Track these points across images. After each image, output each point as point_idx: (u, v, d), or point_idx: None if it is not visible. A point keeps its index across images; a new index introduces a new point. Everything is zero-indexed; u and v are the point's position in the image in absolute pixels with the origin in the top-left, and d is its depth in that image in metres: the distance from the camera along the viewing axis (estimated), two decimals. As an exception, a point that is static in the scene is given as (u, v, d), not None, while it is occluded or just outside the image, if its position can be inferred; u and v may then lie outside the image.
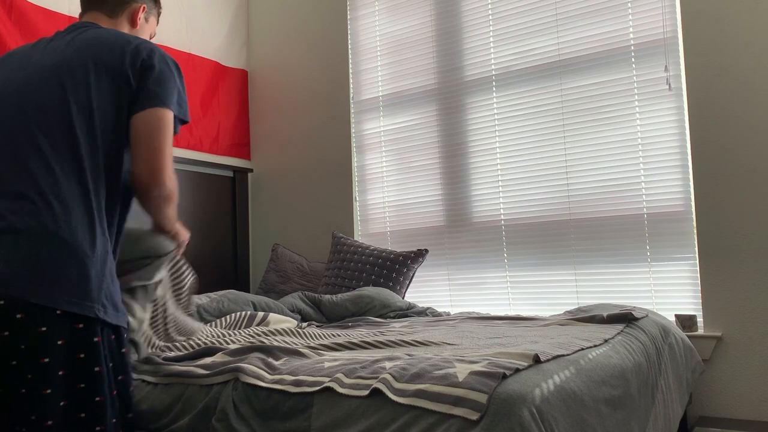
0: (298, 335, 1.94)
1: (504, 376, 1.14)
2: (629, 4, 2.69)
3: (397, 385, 1.20)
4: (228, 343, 1.79)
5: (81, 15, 1.67)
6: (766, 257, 2.36)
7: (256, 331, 1.96)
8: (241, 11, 3.79)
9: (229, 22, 3.70)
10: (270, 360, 1.50)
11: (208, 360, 1.56)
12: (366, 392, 1.22)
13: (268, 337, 1.86)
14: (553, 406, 1.14)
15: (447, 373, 1.19)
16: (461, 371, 1.19)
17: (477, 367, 1.19)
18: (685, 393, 2.05)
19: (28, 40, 2.69)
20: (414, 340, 1.69)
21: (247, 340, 1.83)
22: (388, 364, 1.32)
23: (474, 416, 1.07)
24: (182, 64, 3.39)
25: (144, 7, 1.69)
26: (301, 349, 1.59)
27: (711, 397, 2.43)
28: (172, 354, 1.67)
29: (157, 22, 1.80)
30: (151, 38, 1.77)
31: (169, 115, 1.45)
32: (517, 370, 1.19)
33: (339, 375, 1.30)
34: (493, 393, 1.10)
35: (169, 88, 1.46)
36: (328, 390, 1.27)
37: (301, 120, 3.53)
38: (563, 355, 1.39)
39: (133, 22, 1.67)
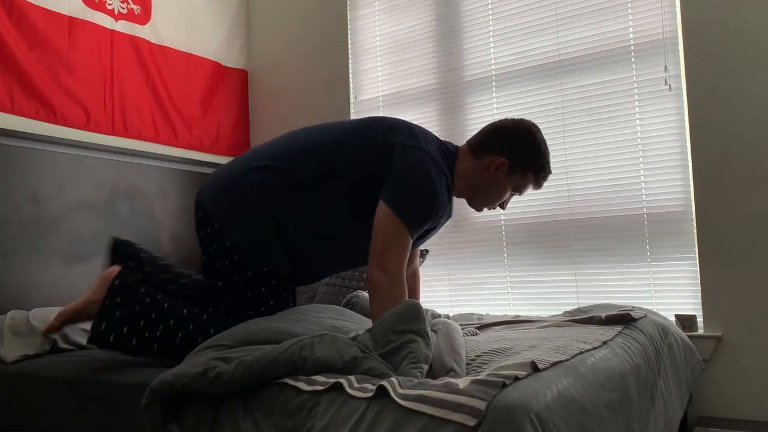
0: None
1: (504, 385, 1.15)
2: (629, 4, 2.69)
3: (401, 390, 1.22)
4: None
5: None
6: (766, 257, 2.36)
7: None
8: (241, 11, 3.79)
9: (229, 22, 3.69)
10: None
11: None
12: (371, 393, 1.23)
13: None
14: (553, 413, 1.14)
15: (448, 381, 1.21)
16: (462, 380, 1.20)
17: (478, 376, 1.21)
18: (685, 393, 2.05)
19: (28, 40, 2.69)
20: None
21: None
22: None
23: (471, 422, 1.08)
24: (182, 64, 3.39)
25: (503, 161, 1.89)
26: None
27: (711, 397, 2.43)
28: None
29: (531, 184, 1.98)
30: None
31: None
32: (517, 379, 1.20)
33: (351, 377, 1.31)
34: (492, 401, 1.10)
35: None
36: (337, 388, 1.28)
37: (301, 120, 3.53)
38: (562, 361, 1.39)
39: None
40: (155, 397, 1.39)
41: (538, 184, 1.96)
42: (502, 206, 2.02)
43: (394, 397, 1.19)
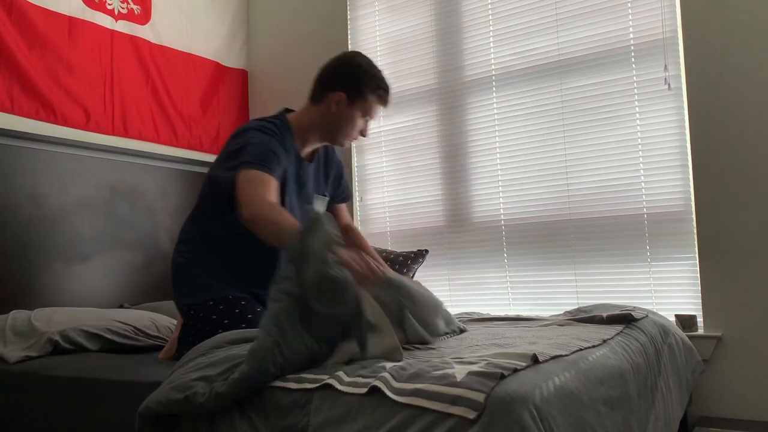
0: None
1: (502, 376, 1.15)
2: (629, 4, 2.69)
3: (396, 385, 1.20)
4: None
5: None
6: (766, 257, 2.36)
7: None
8: (241, 11, 3.79)
9: (229, 22, 3.70)
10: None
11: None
12: (364, 390, 1.22)
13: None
14: (551, 405, 1.14)
15: (445, 373, 1.19)
16: (460, 372, 1.19)
17: (475, 368, 1.19)
18: (685, 393, 2.05)
19: (28, 40, 2.69)
20: (413, 345, 1.69)
21: None
22: (388, 364, 1.32)
23: (471, 415, 1.07)
24: (182, 64, 3.40)
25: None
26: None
27: (711, 397, 2.43)
28: None
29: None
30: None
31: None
32: (516, 371, 1.19)
33: (339, 373, 1.30)
34: (491, 392, 1.10)
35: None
36: (328, 387, 1.27)
37: (301, 120, 3.53)
38: (562, 356, 1.39)
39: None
40: (145, 421, 1.41)
41: (383, 102, 2.09)
42: (363, 134, 2.14)
43: (389, 393, 1.18)
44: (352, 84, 2.04)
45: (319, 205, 2.19)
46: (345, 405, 1.22)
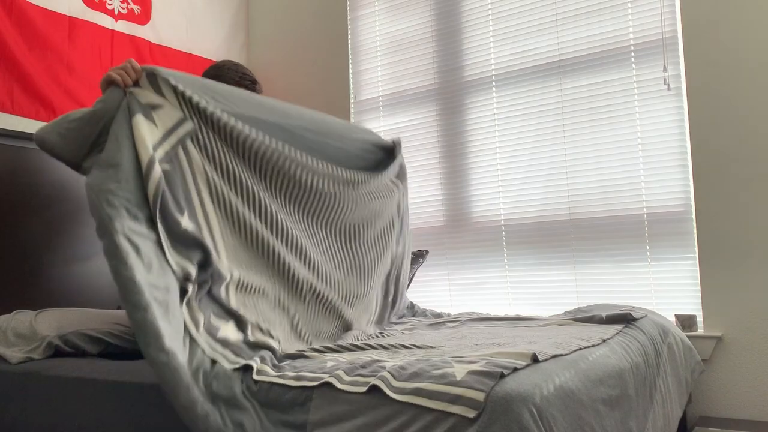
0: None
1: (502, 375, 1.15)
2: (629, 4, 2.69)
3: (396, 384, 1.21)
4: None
5: None
6: (766, 257, 2.36)
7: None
8: (241, 11, 3.80)
9: (229, 22, 3.70)
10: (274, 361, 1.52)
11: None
12: (364, 389, 1.22)
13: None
14: (551, 404, 1.14)
15: (445, 372, 1.20)
16: (459, 371, 1.19)
17: (475, 367, 1.19)
18: (685, 393, 2.05)
19: (28, 40, 2.69)
20: (413, 344, 1.69)
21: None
22: (387, 364, 1.33)
23: (471, 414, 1.08)
24: (182, 64, 3.40)
25: None
26: (305, 352, 1.61)
27: (711, 397, 2.43)
28: None
29: None
30: None
31: None
32: (515, 369, 1.19)
33: (339, 372, 1.31)
34: (490, 391, 1.10)
35: None
36: (328, 385, 1.28)
37: (301, 120, 3.53)
38: (561, 355, 1.39)
39: None
40: None
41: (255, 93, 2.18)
42: None
43: (389, 392, 1.18)
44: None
45: None
46: (345, 403, 1.23)
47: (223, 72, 2.26)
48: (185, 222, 1.59)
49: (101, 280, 2.85)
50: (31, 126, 2.67)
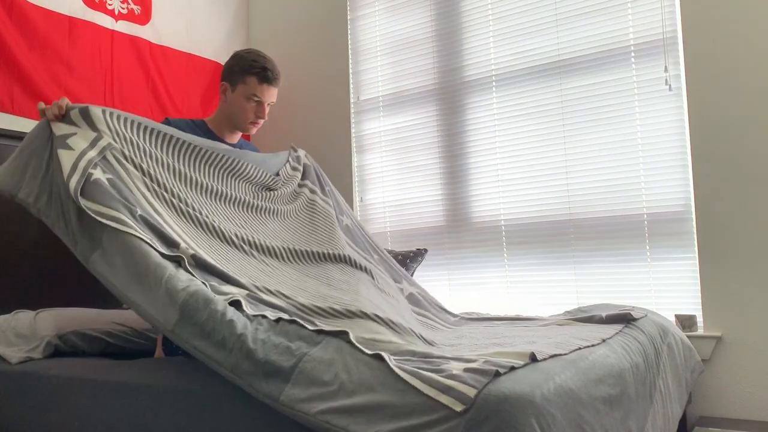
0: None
1: (497, 374, 1.15)
2: (629, 4, 2.69)
3: (397, 362, 1.27)
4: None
5: None
6: (766, 257, 2.36)
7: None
8: (241, 11, 3.80)
9: (229, 22, 3.70)
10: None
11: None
12: (370, 352, 1.28)
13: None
14: (550, 403, 1.14)
15: (444, 367, 1.22)
16: (457, 367, 1.21)
17: (472, 365, 1.20)
18: (685, 393, 2.05)
19: (28, 40, 2.69)
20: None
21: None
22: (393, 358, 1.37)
23: (459, 407, 1.08)
24: (182, 64, 3.40)
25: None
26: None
27: (711, 397, 2.43)
28: None
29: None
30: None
31: None
32: (513, 369, 1.19)
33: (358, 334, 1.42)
34: (482, 388, 1.10)
35: None
36: (342, 333, 1.36)
37: (301, 120, 3.53)
38: (560, 355, 1.39)
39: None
40: None
41: (264, 80, 2.39)
42: (259, 115, 2.43)
43: (390, 363, 1.24)
44: (229, 72, 2.41)
45: None
46: (349, 355, 1.28)
47: (234, 60, 2.45)
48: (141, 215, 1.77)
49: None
50: (30, 126, 2.67)
